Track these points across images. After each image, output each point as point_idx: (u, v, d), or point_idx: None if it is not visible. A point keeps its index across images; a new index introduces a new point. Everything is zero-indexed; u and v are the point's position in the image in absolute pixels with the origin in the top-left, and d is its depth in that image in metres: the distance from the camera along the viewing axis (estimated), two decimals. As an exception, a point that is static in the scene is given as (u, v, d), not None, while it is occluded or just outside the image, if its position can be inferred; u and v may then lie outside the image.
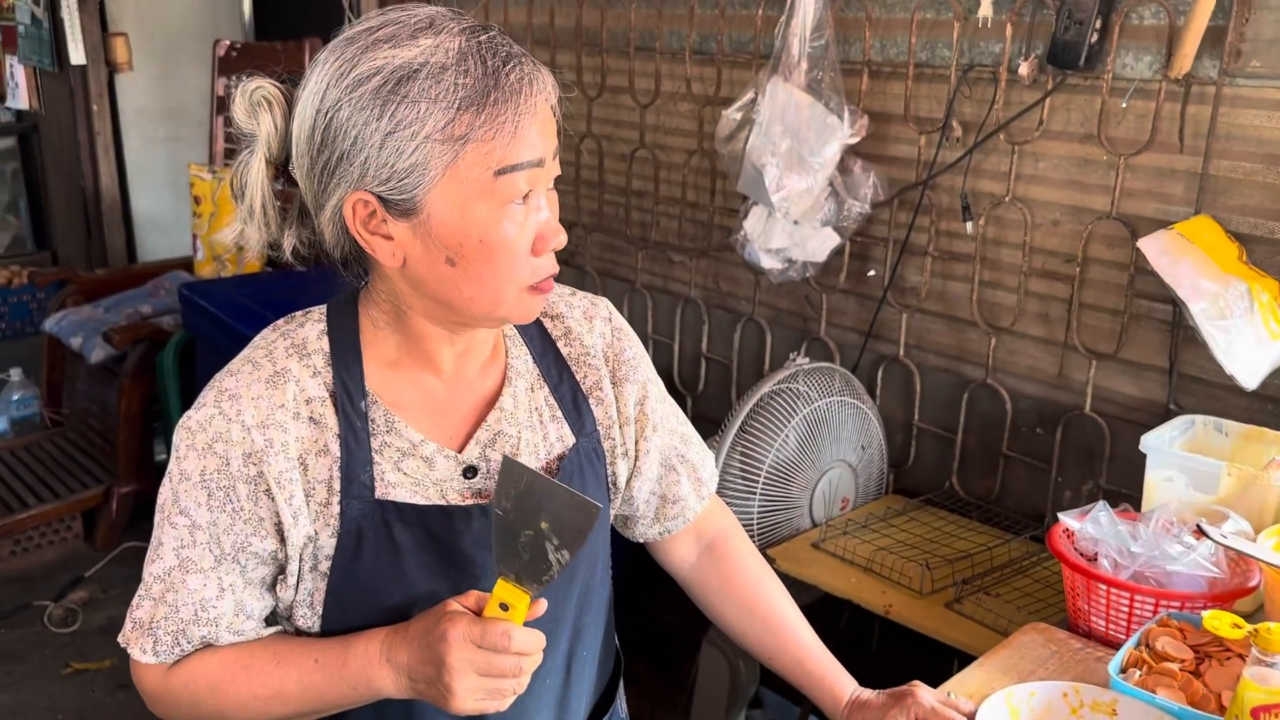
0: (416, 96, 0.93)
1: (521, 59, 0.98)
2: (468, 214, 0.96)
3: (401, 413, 1.07)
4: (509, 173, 0.96)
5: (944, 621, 1.80)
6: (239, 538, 1.03)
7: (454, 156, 0.94)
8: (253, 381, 1.03)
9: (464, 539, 1.06)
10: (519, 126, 0.95)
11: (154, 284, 3.89)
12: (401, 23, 0.97)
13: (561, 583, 1.10)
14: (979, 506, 2.24)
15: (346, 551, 1.03)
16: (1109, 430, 2.02)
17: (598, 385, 1.19)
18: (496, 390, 1.12)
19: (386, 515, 1.04)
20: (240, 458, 1.01)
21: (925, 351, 2.35)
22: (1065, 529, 1.49)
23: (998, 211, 2.14)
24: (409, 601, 1.05)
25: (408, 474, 1.06)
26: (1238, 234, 1.81)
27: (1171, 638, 1.29)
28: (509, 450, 1.11)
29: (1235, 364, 1.72)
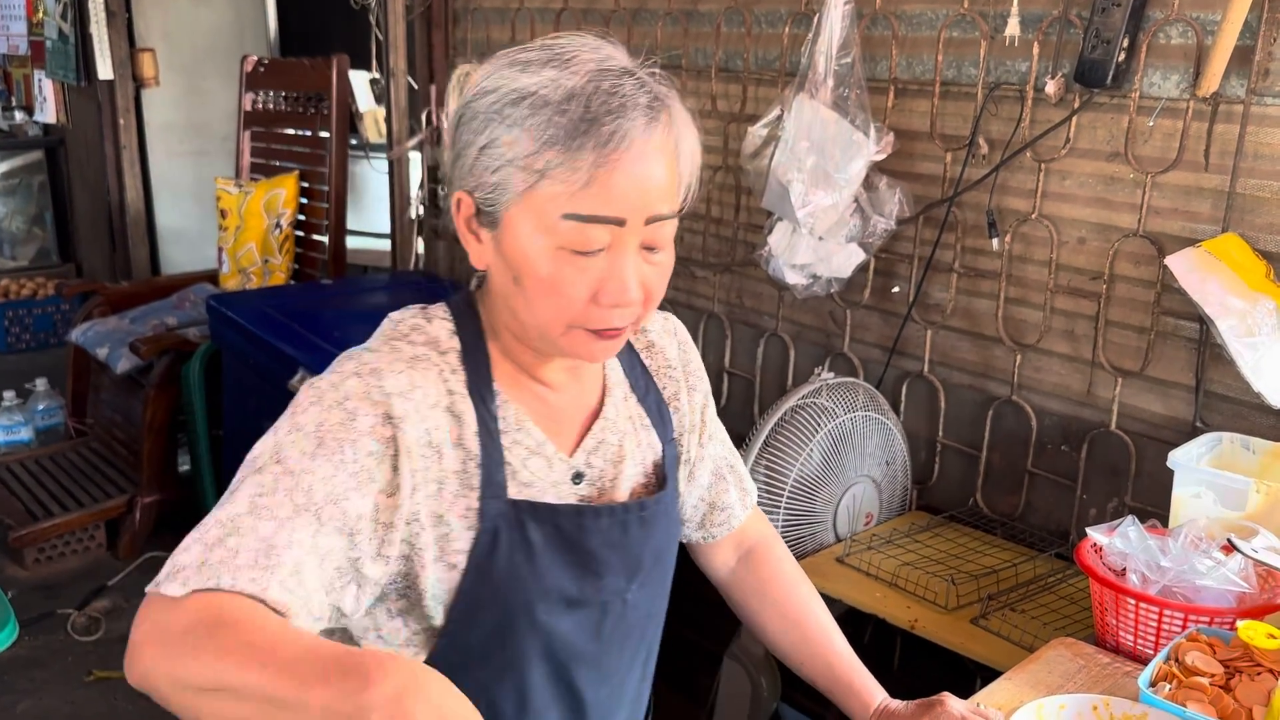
0: (515, 121, 0.97)
1: (635, 115, 0.97)
2: (533, 243, 0.99)
3: (528, 412, 1.11)
4: (574, 220, 0.97)
5: (969, 637, 1.80)
6: (335, 489, 0.95)
7: (531, 186, 0.98)
8: (395, 360, 1.04)
9: (592, 537, 1.11)
10: (595, 179, 0.96)
11: (179, 296, 3.92)
12: (549, 50, 1.01)
13: (659, 582, 1.21)
14: (1003, 523, 2.23)
15: (483, 549, 1.05)
16: (1135, 448, 2.02)
17: (676, 396, 1.25)
18: (600, 400, 1.17)
19: (521, 514, 1.07)
20: (375, 417, 0.99)
21: (950, 368, 2.35)
22: (1094, 544, 1.49)
23: (1024, 229, 2.15)
24: (538, 596, 1.08)
25: (533, 473, 1.10)
26: (1265, 252, 1.82)
27: (1201, 652, 1.28)
28: (612, 457, 1.16)
29: (1263, 381, 1.72)
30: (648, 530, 1.16)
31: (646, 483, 1.20)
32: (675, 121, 1.02)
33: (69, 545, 3.46)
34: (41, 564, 3.41)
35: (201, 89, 5.21)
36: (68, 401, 4.01)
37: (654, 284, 1.04)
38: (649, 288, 1.04)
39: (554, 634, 1.11)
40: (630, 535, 1.14)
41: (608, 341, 1.05)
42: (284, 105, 4.01)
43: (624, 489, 1.17)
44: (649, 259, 1.03)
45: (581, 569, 1.11)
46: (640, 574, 1.16)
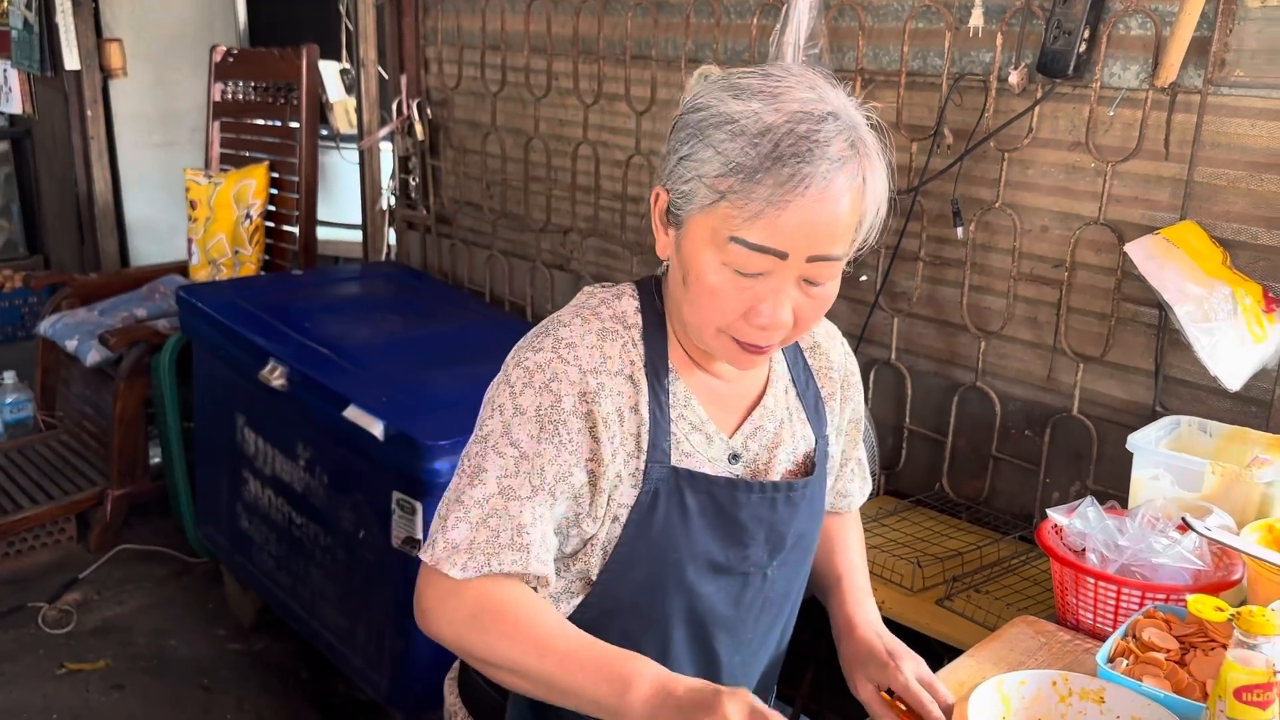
0: (711, 142, 1.05)
1: (820, 162, 1.02)
2: (704, 252, 1.08)
3: (695, 391, 1.22)
4: (739, 245, 1.05)
5: (934, 617, 1.84)
6: (562, 468, 1.14)
7: (712, 203, 1.06)
8: (586, 333, 1.17)
9: (743, 509, 1.21)
10: (766, 214, 1.02)
11: (149, 288, 3.90)
12: (765, 80, 1.07)
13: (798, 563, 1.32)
14: (969, 507, 2.27)
15: (643, 507, 1.17)
16: (1096, 432, 2.06)
17: (832, 396, 1.34)
18: (762, 389, 1.27)
19: (680, 480, 1.18)
20: (575, 396, 1.14)
21: (916, 355, 2.38)
22: (1054, 525, 1.52)
23: (988, 218, 2.19)
24: (689, 558, 1.19)
25: (694, 446, 1.21)
26: (1222, 239, 1.86)
27: (1158, 628, 1.32)
28: (768, 443, 1.26)
29: (1219, 366, 1.76)
30: (793, 510, 1.26)
31: (795, 469, 1.29)
32: (867, 169, 1.07)
33: (39, 538, 3.44)
34: (11, 557, 3.39)
35: (170, 79, 5.16)
36: (37, 394, 3.98)
37: (807, 313, 1.11)
38: (801, 315, 1.11)
39: (698, 595, 1.22)
40: (777, 513, 1.24)
41: (752, 355, 1.14)
42: (254, 96, 3.99)
43: (776, 472, 1.26)
44: (808, 290, 1.09)
45: (730, 538, 1.22)
46: (782, 551, 1.27)
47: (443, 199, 3.64)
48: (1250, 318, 1.77)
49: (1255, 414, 1.86)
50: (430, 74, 3.59)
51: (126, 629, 3.13)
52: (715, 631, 1.26)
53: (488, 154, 3.38)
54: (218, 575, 3.30)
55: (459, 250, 3.59)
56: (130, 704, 2.80)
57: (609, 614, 1.21)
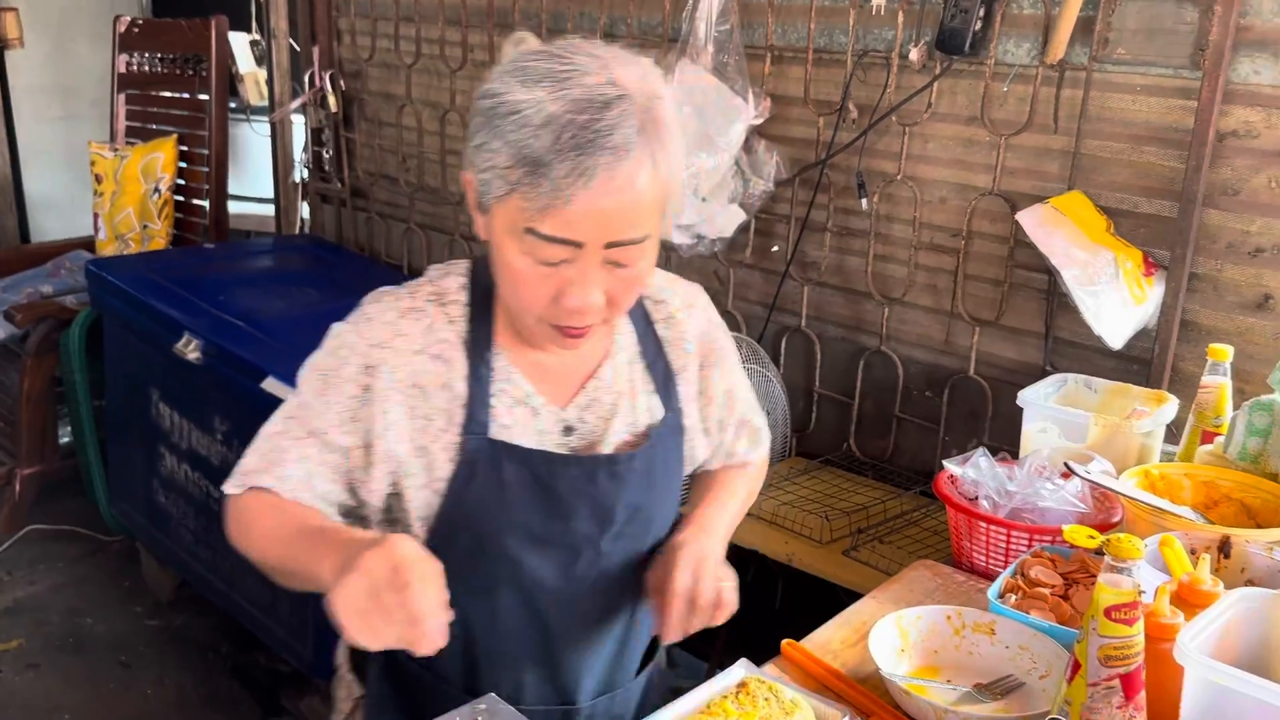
0: (501, 132, 1.04)
1: (603, 154, 1.01)
2: (505, 240, 1.08)
3: (519, 367, 1.21)
4: (533, 236, 1.05)
5: (841, 567, 1.93)
6: (323, 423, 1.17)
7: (506, 193, 1.05)
8: (388, 309, 1.19)
9: (561, 482, 1.20)
10: (553, 207, 1.02)
11: (54, 264, 3.81)
12: (554, 63, 1.05)
13: (636, 537, 1.27)
14: (874, 465, 2.38)
15: (460, 478, 1.18)
16: (991, 391, 2.18)
17: (685, 369, 1.31)
18: (601, 361, 1.25)
19: (498, 452, 1.18)
20: (357, 365, 1.17)
21: (825, 322, 2.48)
22: (950, 475, 1.62)
23: (890, 189, 2.28)
24: (507, 528, 1.20)
25: (517, 420, 1.20)
26: (1106, 208, 1.98)
27: (1044, 567, 1.42)
28: (604, 414, 1.25)
29: (1103, 326, 1.88)
30: (619, 484, 1.23)
31: (635, 442, 1.26)
32: (657, 150, 1.04)
33: (-56, 520, 3.37)
34: (-85, 539, 3.32)
35: (70, 51, 5.01)
36: (-64, 374, 3.87)
37: (620, 293, 1.11)
38: (615, 296, 1.10)
39: (522, 566, 1.21)
40: (599, 486, 1.22)
41: (573, 338, 1.14)
42: (160, 67, 3.91)
43: (610, 444, 1.24)
44: (615, 273, 1.09)
45: (550, 510, 1.21)
46: (612, 525, 1.23)
47: (357, 172, 3.63)
48: (1131, 281, 1.89)
49: (1136, 371, 1.99)
50: (343, 45, 3.57)
51: (40, 609, 3.09)
52: (545, 603, 1.24)
53: (403, 127, 3.38)
54: (133, 553, 3.27)
55: (375, 223, 3.59)
56: (47, 682, 2.78)
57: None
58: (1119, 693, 1.05)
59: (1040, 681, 1.24)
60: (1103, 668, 1.05)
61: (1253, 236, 1.85)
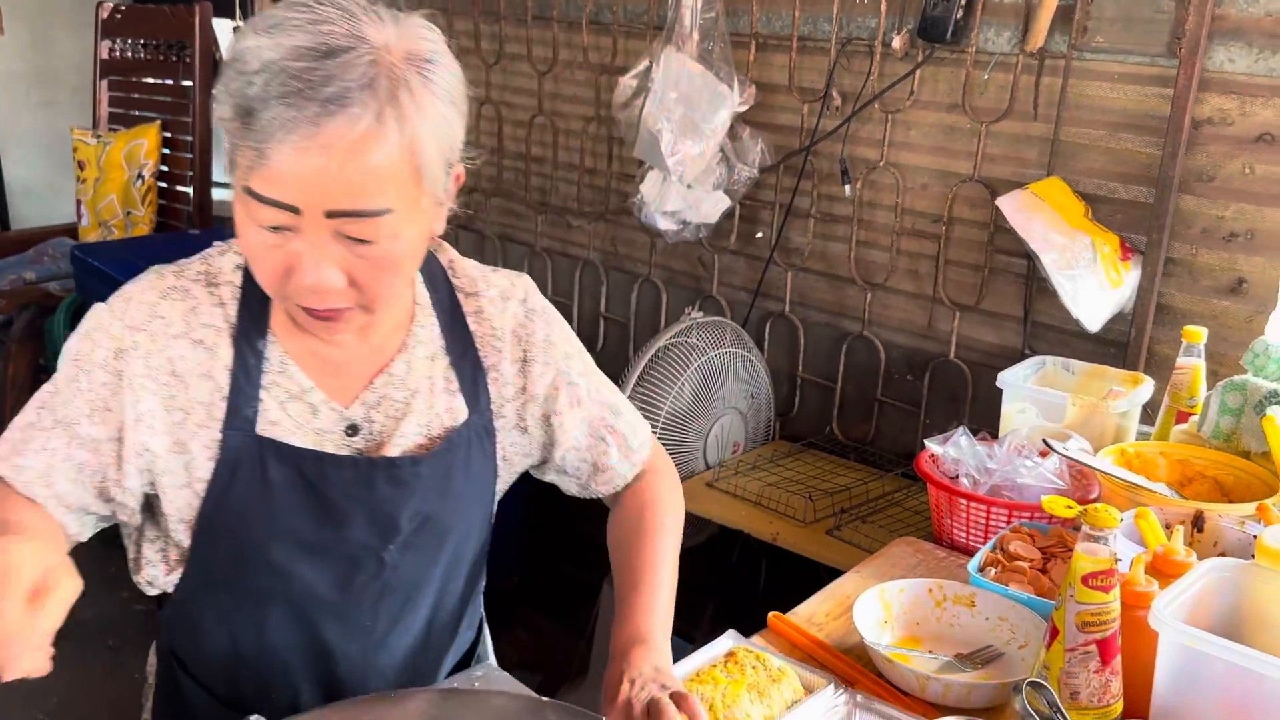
0: (225, 80, 0.95)
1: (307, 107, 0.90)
2: (238, 207, 0.99)
3: (297, 358, 1.10)
4: (248, 196, 0.95)
5: (825, 546, 1.97)
6: (73, 412, 1.06)
7: (232, 148, 0.96)
8: (148, 289, 1.08)
9: (332, 485, 1.09)
10: (259, 164, 0.92)
11: (37, 250, 3.80)
12: (289, 11, 0.96)
13: (428, 548, 1.16)
14: (856, 448, 2.42)
15: (222, 479, 1.07)
16: (971, 374, 2.22)
17: (496, 366, 1.19)
18: (394, 355, 1.14)
19: (264, 451, 1.07)
20: (109, 349, 1.06)
21: (808, 308, 2.51)
22: (931, 454, 1.65)
23: (873, 176, 2.32)
24: (273, 535, 1.09)
25: (291, 416, 1.09)
26: (1084, 194, 2.02)
27: (1023, 542, 1.46)
28: (394, 413, 1.12)
29: (1080, 309, 1.92)
30: (402, 490, 1.11)
31: (430, 445, 1.14)
32: (399, 114, 0.94)
33: (-73, 507, 3.35)
34: (-103, 527, 3.30)
35: (49, 37, 4.98)
36: (-82, 361, 3.85)
37: (365, 276, 0.99)
38: (359, 279, 0.99)
39: (292, 576, 1.10)
40: (377, 491, 1.10)
41: (328, 322, 1.02)
42: (144, 54, 3.90)
43: (398, 447, 1.12)
44: (356, 250, 0.97)
45: (322, 516, 1.09)
46: (396, 535, 1.12)
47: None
48: (1108, 265, 1.93)
49: (1113, 354, 2.03)
50: (328, 33, 3.56)
51: (24, 594, 3.08)
52: (321, 617, 1.13)
53: (388, 114, 3.38)
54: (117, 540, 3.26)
55: (360, 211, 3.59)
56: (33, 667, 2.78)
57: (205, 590, 1.13)
58: (1096, 657, 1.09)
59: (1019, 651, 1.28)
60: (1080, 633, 1.09)
61: (1227, 221, 1.90)
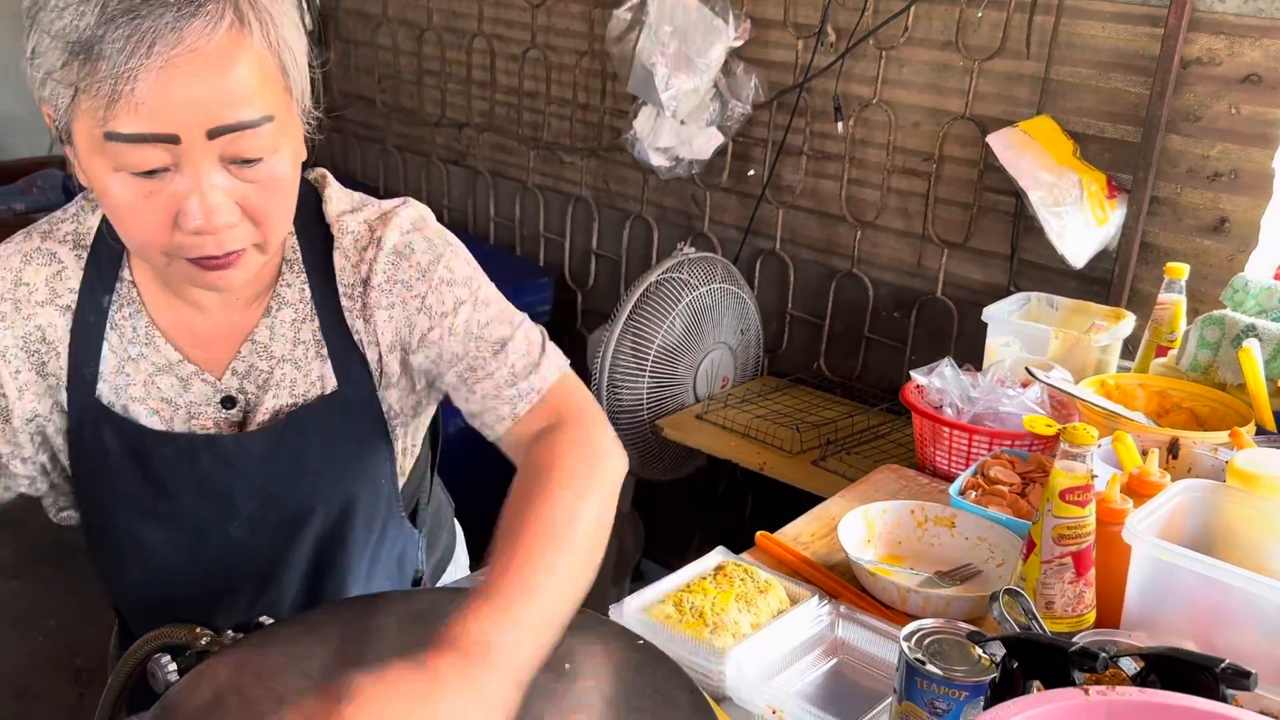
0: (43, 26, 0.85)
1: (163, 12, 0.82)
2: (92, 163, 0.88)
3: (164, 328, 1.03)
4: (115, 141, 0.84)
5: (810, 475, 2.02)
6: None
7: (72, 100, 0.85)
8: (13, 254, 1.01)
9: (155, 460, 1.04)
10: (121, 94, 0.82)
11: (25, 181, 3.78)
12: None
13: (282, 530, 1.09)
14: (843, 384, 2.46)
15: (74, 438, 1.04)
16: (958, 312, 2.26)
17: (372, 316, 1.06)
18: (257, 320, 1.05)
19: (100, 417, 1.03)
20: None
21: (798, 245, 2.54)
22: (916, 385, 1.69)
23: (865, 113, 2.33)
24: (114, 501, 1.05)
25: (160, 389, 1.04)
26: (1073, 132, 2.04)
27: (1003, 467, 1.51)
28: (260, 382, 1.06)
29: (1066, 246, 1.95)
30: (230, 469, 1.04)
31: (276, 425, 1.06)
32: (250, 6, 0.86)
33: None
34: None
35: (34, -35, 4.91)
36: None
37: (260, 202, 0.90)
38: (254, 207, 0.90)
39: (141, 542, 1.07)
40: (202, 469, 1.03)
41: (220, 270, 0.92)
42: (131, -17, 3.85)
43: (264, 421, 1.05)
44: (243, 174, 0.89)
45: (156, 491, 1.05)
46: (236, 514, 1.06)
47: (332, 92, 3.61)
48: (1095, 203, 1.96)
49: (1097, 292, 2.06)
50: (319, -36, 3.54)
51: (18, 522, 3.11)
52: (180, 591, 1.10)
53: (379, 46, 3.37)
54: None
55: (350, 144, 3.59)
56: (31, 592, 2.83)
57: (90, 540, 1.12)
58: (1071, 569, 1.14)
59: (997, 569, 1.33)
60: (1056, 546, 1.13)
61: (1211, 161, 1.92)
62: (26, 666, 2.56)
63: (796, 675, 1.14)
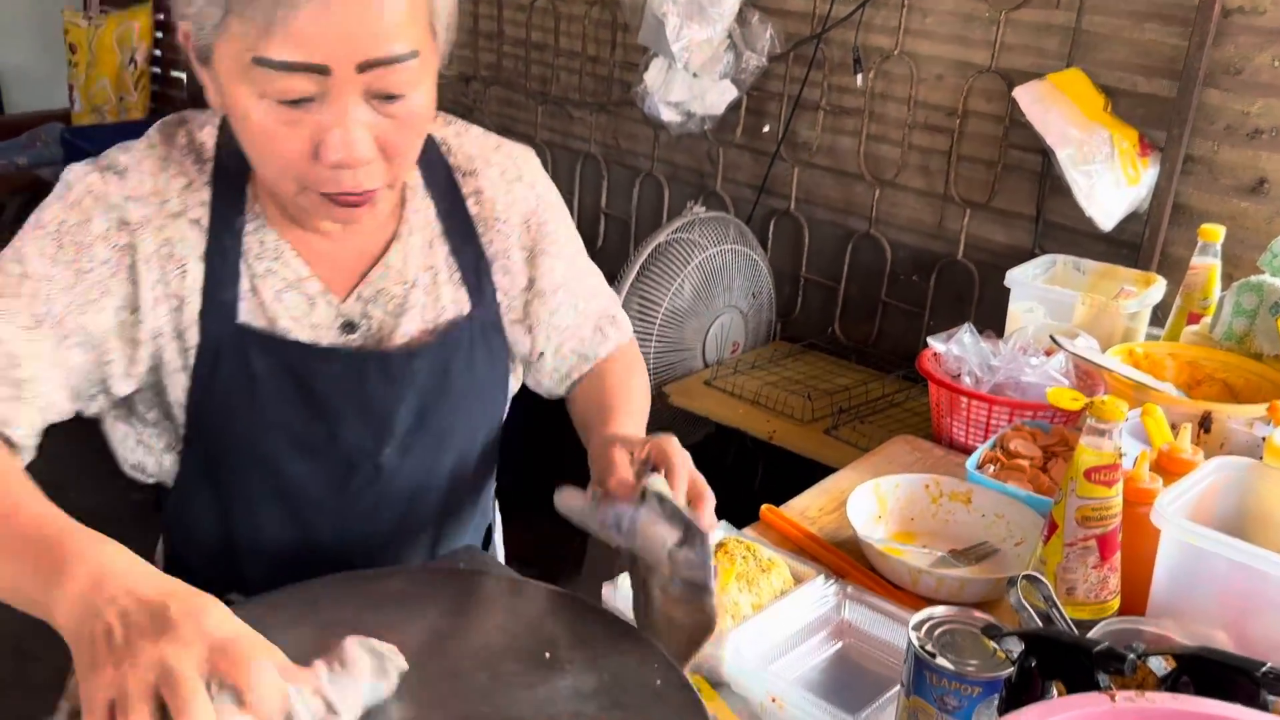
0: None
1: None
2: (236, 88, 0.86)
3: (295, 244, 1.01)
4: (263, 67, 0.83)
5: (822, 444, 1.94)
6: (76, 302, 0.92)
7: (221, 20, 0.83)
8: (145, 158, 0.96)
9: (321, 380, 1.00)
10: (278, 20, 0.81)
11: (29, 136, 3.73)
12: None
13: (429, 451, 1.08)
14: (857, 350, 2.38)
15: (205, 367, 0.98)
16: (979, 275, 2.17)
17: (505, 253, 1.10)
18: (388, 243, 1.04)
19: (245, 340, 0.98)
20: (111, 222, 0.94)
21: (814, 205, 2.45)
22: (934, 352, 1.61)
23: (886, 66, 2.23)
24: (260, 430, 1.01)
25: (289, 307, 1.00)
26: (1105, 86, 1.94)
27: (1024, 440, 1.43)
28: (391, 310, 1.04)
29: (1095, 207, 1.86)
30: (397, 387, 1.03)
31: (430, 342, 1.05)
32: None
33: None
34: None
35: (38, -85, 4.83)
36: (-90, 247, 3.81)
37: (395, 139, 0.90)
38: (390, 143, 0.90)
39: (284, 476, 1.03)
40: (370, 388, 1.02)
41: (351, 208, 0.92)
42: (134, -68, 3.77)
43: (398, 346, 1.04)
44: (384, 109, 0.88)
45: (311, 414, 1.01)
46: (391, 436, 1.04)
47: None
48: (1126, 161, 1.86)
49: (1125, 255, 1.97)
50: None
51: (21, 481, 3.09)
52: (318, 522, 1.06)
53: (386, -1, 3.27)
54: (115, 429, 3.26)
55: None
56: None
57: (199, 480, 1.04)
58: (1095, 553, 1.06)
59: (1015, 549, 1.25)
60: (1080, 528, 1.05)
61: (1252, 118, 1.82)
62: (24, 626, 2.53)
63: (799, 660, 1.07)
